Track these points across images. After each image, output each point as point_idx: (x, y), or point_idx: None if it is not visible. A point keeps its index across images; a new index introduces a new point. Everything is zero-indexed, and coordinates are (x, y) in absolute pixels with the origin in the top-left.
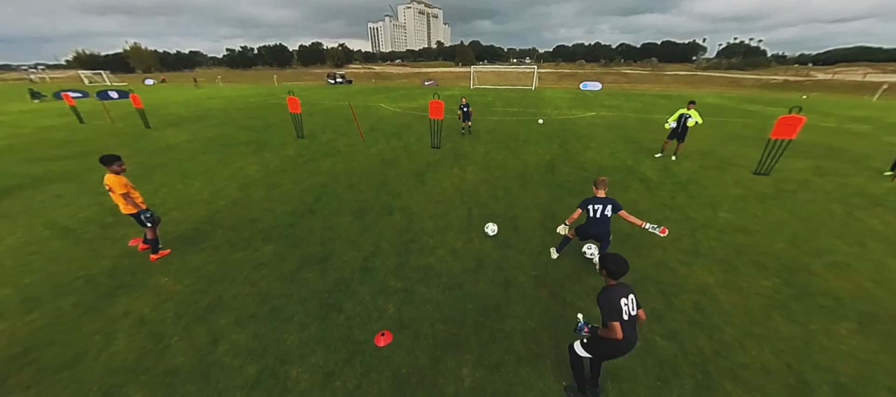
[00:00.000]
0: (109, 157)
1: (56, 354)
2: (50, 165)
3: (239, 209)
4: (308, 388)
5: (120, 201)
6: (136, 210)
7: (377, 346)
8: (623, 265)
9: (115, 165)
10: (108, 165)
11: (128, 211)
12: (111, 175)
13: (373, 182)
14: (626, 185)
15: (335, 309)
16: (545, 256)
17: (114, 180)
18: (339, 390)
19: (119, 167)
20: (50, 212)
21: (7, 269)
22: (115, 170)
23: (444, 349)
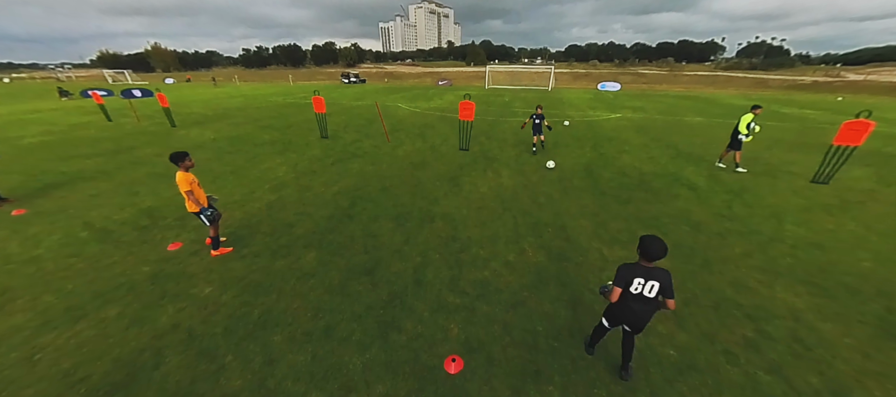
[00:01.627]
0: (178, 154)
1: (106, 373)
2: (82, 163)
3: (274, 213)
4: None
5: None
6: (198, 208)
7: (448, 373)
8: (657, 247)
9: (185, 161)
10: (177, 162)
11: (191, 209)
12: (180, 172)
13: (406, 185)
14: (674, 193)
15: (394, 327)
16: (608, 273)
17: (180, 177)
18: None
19: (188, 163)
20: (86, 212)
21: (49, 274)
22: (184, 167)
23: (522, 378)
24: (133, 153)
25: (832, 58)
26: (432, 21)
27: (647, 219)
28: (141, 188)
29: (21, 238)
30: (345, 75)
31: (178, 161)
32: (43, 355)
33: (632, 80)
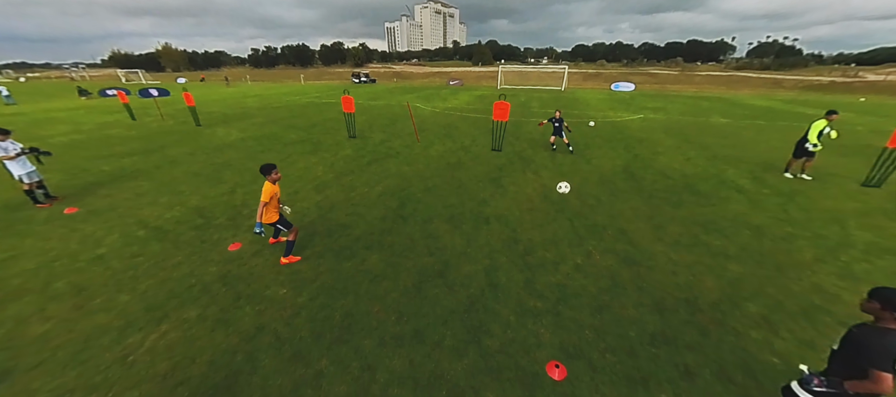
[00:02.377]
0: (268, 166)
1: (204, 375)
2: (119, 162)
3: (325, 213)
4: None
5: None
6: (276, 218)
7: (554, 379)
8: None
9: (273, 174)
10: (266, 174)
11: (269, 219)
12: (267, 182)
13: (449, 186)
14: (723, 196)
15: (483, 332)
16: (682, 277)
17: (267, 188)
18: None
19: (275, 175)
20: (137, 211)
21: (118, 273)
22: (272, 179)
23: (630, 386)
24: (165, 152)
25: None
26: (438, 21)
27: (705, 222)
28: (183, 187)
29: (80, 236)
30: (355, 75)
31: (267, 172)
32: (136, 357)
33: (643, 80)
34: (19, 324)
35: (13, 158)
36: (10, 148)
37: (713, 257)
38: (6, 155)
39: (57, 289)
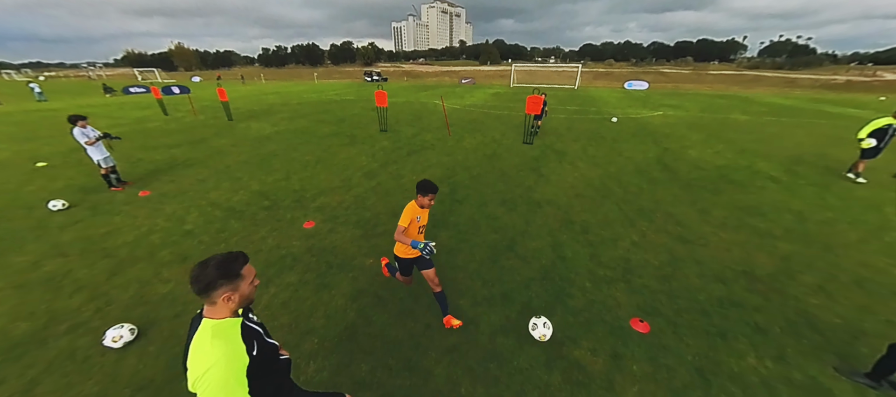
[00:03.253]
0: (426, 185)
1: (324, 326)
2: (168, 152)
3: (380, 197)
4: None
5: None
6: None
7: (641, 332)
8: None
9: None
10: (420, 193)
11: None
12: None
13: (492, 174)
14: (759, 185)
15: (566, 295)
16: (735, 253)
17: (408, 209)
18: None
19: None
20: (204, 194)
21: (211, 245)
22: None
23: (709, 337)
24: (209, 144)
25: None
26: (444, 20)
27: (748, 207)
28: (240, 174)
29: (164, 215)
30: (368, 74)
31: (423, 191)
32: (257, 312)
33: (655, 79)
34: (144, 285)
35: (93, 143)
36: (90, 133)
37: (761, 237)
38: (88, 140)
39: (163, 257)
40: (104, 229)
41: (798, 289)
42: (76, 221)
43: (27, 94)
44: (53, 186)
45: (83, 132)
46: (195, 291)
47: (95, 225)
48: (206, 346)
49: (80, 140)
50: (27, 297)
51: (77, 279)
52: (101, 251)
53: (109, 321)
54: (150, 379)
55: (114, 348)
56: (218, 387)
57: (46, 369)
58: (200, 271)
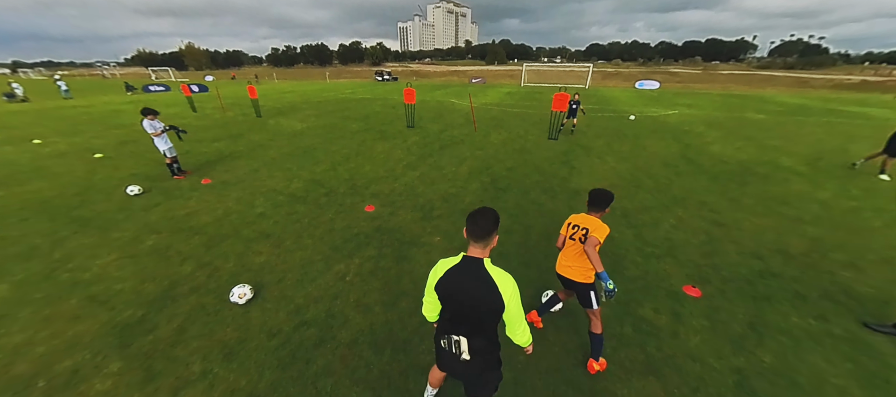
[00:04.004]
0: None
1: (415, 290)
2: (212, 146)
3: (427, 186)
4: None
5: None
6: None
7: (693, 296)
8: None
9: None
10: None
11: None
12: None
13: (526, 167)
14: (783, 178)
15: (620, 266)
16: (768, 235)
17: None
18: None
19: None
20: (262, 182)
21: (286, 225)
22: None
23: (756, 301)
24: (247, 138)
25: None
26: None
27: (776, 196)
28: (288, 165)
29: (232, 200)
30: (378, 73)
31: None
32: (350, 278)
33: (665, 78)
34: (240, 257)
35: (159, 134)
36: (158, 125)
37: (791, 223)
38: (155, 131)
39: (247, 235)
40: (184, 211)
41: (830, 264)
42: (155, 204)
43: (52, 91)
44: (119, 175)
45: (152, 124)
46: (476, 235)
47: (174, 207)
48: (504, 277)
49: (148, 130)
50: (143, 265)
51: (179, 251)
52: (189, 229)
53: (222, 285)
54: (277, 327)
55: (239, 304)
56: (519, 305)
57: (187, 319)
58: (484, 220)
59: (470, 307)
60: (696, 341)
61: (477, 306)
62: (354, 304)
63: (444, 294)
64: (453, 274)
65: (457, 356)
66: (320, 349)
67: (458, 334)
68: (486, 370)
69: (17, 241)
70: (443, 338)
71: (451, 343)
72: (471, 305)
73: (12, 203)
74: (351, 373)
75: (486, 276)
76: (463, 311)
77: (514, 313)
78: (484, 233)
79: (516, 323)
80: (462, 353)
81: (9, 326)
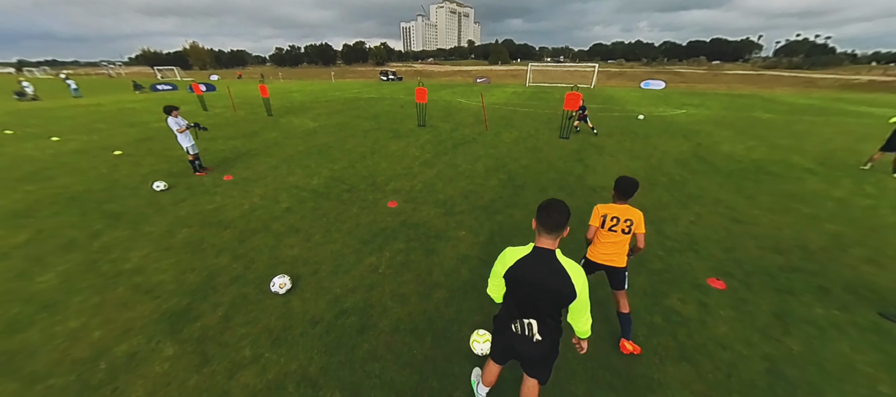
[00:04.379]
0: (633, 183)
1: (447, 282)
2: (227, 143)
3: (445, 183)
4: (694, 314)
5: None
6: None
7: (719, 289)
8: None
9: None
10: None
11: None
12: (633, 207)
13: (540, 164)
14: (797, 176)
15: (644, 261)
16: (787, 232)
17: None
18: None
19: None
20: (283, 179)
21: (313, 220)
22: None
23: (779, 294)
24: (261, 136)
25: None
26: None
27: (791, 194)
28: (306, 162)
29: (257, 195)
30: (383, 73)
31: (632, 192)
32: (383, 270)
33: (670, 78)
34: (273, 250)
35: (184, 130)
36: (181, 122)
37: (808, 220)
38: (179, 127)
39: (277, 229)
40: (211, 206)
41: (850, 259)
42: (182, 199)
43: (60, 90)
44: (141, 171)
45: (176, 121)
46: (550, 227)
47: (201, 202)
48: (576, 268)
49: (173, 127)
50: (179, 257)
51: (213, 244)
52: (219, 223)
53: (259, 275)
54: (319, 316)
55: (280, 293)
56: (588, 296)
57: (230, 308)
58: (557, 212)
59: (542, 295)
60: (725, 330)
61: (550, 295)
62: (390, 294)
63: (514, 281)
64: (525, 263)
65: (530, 338)
66: (363, 336)
67: (528, 317)
68: (552, 350)
69: (55, 234)
70: (514, 322)
71: (524, 326)
72: (543, 293)
73: (43, 197)
74: (396, 358)
75: (560, 267)
76: (534, 298)
77: (584, 303)
78: (557, 225)
79: (583, 312)
80: (534, 335)
81: (62, 313)
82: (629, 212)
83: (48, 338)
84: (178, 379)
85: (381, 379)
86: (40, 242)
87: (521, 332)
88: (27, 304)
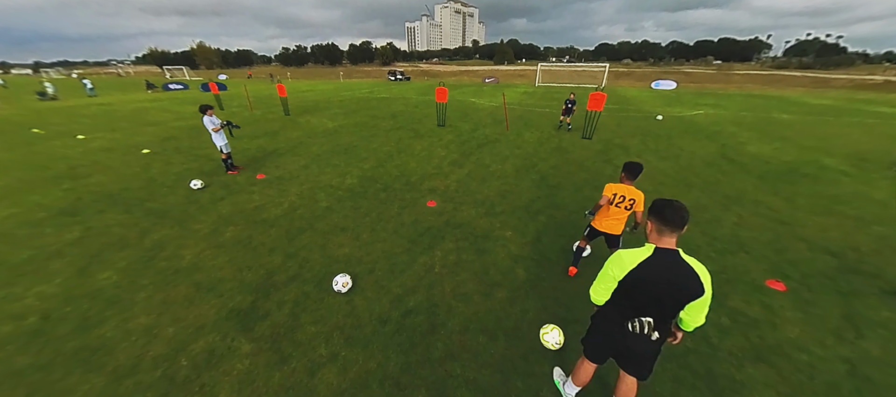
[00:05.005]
0: (636, 166)
1: (506, 281)
2: (252, 142)
3: (479, 183)
4: (761, 315)
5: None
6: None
7: (779, 290)
8: None
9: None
10: (636, 175)
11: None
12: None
13: (568, 165)
14: (833, 179)
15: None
16: (834, 233)
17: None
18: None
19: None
20: (316, 178)
21: (355, 219)
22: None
23: (843, 296)
24: (284, 135)
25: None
26: (457, 20)
27: (830, 196)
28: (335, 162)
29: (294, 194)
30: (391, 73)
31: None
32: (438, 269)
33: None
34: (324, 248)
35: (219, 130)
36: (216, 121)
37: (854, 222)
38: (214, 126)
39: (322, 228)
40: (251, 205)
41: None
42: (221, 198)
43: (76, 89)
44: (173, 170)
45: (211, 120)
46: (676, 225)
47: (240, 201)
48: (701, 266)
49: (208, 126)
50: (233, 255)
51: (263, 243)
52: (263, 221)
53: (316, 274)
54: (385, 315)
55: (342, 292)
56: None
57: (296, 306)
58: (684, 211)
59: (671, 294)
60: (797, 332)
61: (679, 294)
62: (452, 294)
63: (635, 283)
64: (650, 265)
65: (647, 336)
66: (435, 335)
67: (646, 316)
68: (660, 347)
69: (104, 232)
70: (631, 322)
71: (643, 325)
72: (672, 293)
73: (84, 195)
74: (474, 357)
75: (689, 267)
76: (656, 298)
77: (708, 299)
78: (682, 223)
79: (704, 307)
80: (653, 333)
81: (131, 309)
82: (633, 192)
83: (124, 335)
84: (261, 377)
85: (463, 379)
86: (92, 240)
87: (640, 331)
88: (94, 301)
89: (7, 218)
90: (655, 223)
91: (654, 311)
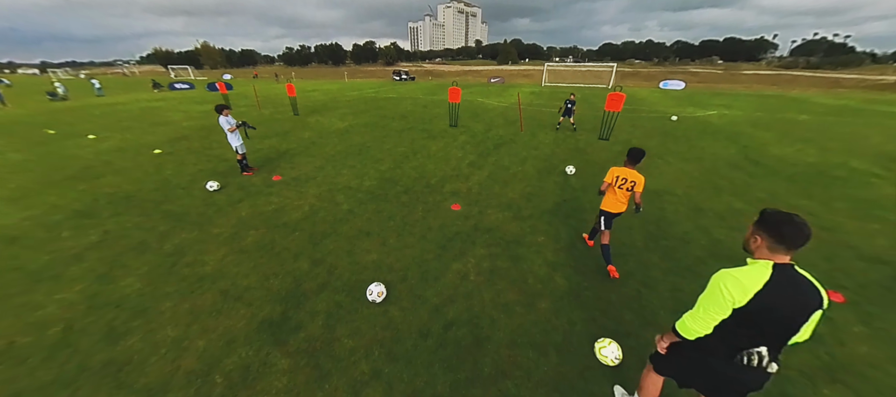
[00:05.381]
0: (638, 152)
1: (547, 291)
2: (264, 142)
3: (502, 186)
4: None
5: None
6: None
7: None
8: None
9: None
10: (638, 160)
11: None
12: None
13: (591, 166)
14: (865, 182)
15: None
16: (878, 240)
17: (641, 179)
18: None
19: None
20: (333, 179)
21: (378, 222)
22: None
23: (883, 305)
24: (295, 135)
25: None
26: (460, 20)
27: (867, 200)
28: (351, 162)
29: (313, 197)
30: (396, 73)
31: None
32: (473, 276)
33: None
34: (351, 254)
35: (234, 130)
36: (232, 121)
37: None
38: (231, 126)
39: (346, 232)
40: (270, 207)
41: None
42: (238, 200)
43: (85, 89)
44: (187, 171)
45: (227, 120)
46: (798, 245)
47: (258, 203)
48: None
49: (224, 126)
50: (257, 261)
51: (286, 247)
52: (284, 225)
53: (346, 283)
54: (425, 327)
55: (377, 302)
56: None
57: (329, 317)
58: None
59: (796, 319)
60: (867, 348)
61: (803, 317)
62: (493, 304)
63: (763, 308)
64: (777, 287)
65: (763, 369)
66: (481, 350)
67: (762, 346)
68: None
69: (123, 235)
70: (744, 354)
71: (759, 357)
72: (798, 317)
73: (99, 197)
74: (527, 376)
75: (809, 282)
76: (785, 325)
77: (821, 313)
78: (805, 243)
79: (816, 322)
80: (770, 366)
81: (157, 320)
82: (634, 175)
83: (153, 348)
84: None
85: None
86: (111, 244)
87: (758, 364)
88: (119, 310)
89: (24, 220)
90: (767, 240)
91: (773, 340)
